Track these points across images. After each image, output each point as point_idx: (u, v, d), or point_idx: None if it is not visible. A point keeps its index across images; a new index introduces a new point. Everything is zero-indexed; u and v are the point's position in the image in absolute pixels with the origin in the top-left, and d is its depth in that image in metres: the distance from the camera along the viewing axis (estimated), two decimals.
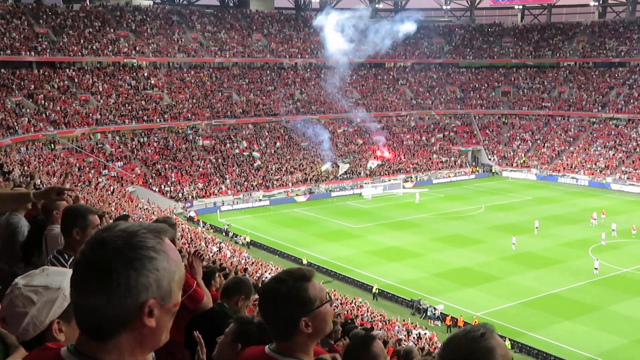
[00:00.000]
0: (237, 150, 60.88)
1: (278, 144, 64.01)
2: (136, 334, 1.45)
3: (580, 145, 68.90)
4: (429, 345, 23.85)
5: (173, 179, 54.34)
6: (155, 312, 1.45)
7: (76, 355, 1.48)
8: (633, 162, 63.35)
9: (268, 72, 74.36)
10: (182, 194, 52.92)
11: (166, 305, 1.48)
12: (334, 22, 70.47)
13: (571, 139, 70.49)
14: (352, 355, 3.34)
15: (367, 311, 28.26)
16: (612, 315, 29.56)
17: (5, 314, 2.11)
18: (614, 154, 65.60)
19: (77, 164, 50.62)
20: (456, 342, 1.77)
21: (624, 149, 65.89)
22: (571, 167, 65.81)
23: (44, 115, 53.82)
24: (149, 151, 57.40)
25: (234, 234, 44.31)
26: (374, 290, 33.15)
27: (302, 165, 61.71)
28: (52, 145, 51.72)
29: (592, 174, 63.55)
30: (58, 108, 55.53)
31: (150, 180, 53.64)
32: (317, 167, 61.66)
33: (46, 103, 55.47)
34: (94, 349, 1.46)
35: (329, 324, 2.44)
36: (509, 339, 26.42)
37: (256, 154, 60.23)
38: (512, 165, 69.69)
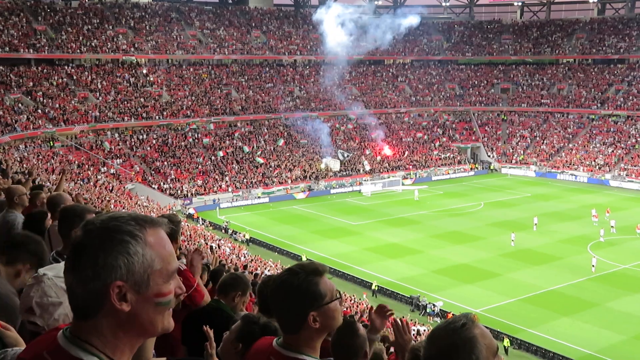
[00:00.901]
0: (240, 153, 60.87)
1: (280, 140, 63.90)
2: (113, 317, 1.46)
3: (580, 142, 68.90)
4: None
5: (172, 176, 54.33)
6: (128, 297, 1.45)
7: (68, 338, 1.49)
8: (632, 158, 63.37)
9: (267, 69, 74.29)
10: (182, 191, 52.91)
11: (143, 293, 1.47)
12: (333, 18, 70.44)
13: (570, 136, 70.48)
14: (340, 342, 3.33)
15: (367, 308, 28.25)
16: (610, 311, 29.59)
17: (37, 303, 2.09)
18: (613, 151, 65.61)
19: (76, 161, 50.59)
20: (438, 334, 1.78)
21: (622, 145, 65.90)
22: (570, 163, 65.84)
23: (42, 112, 53.78)
24: (148, 148, 57.38)
25: (233, 231, 44.32)
26: (373, 287, 33.17)
27: (302, 163, 61.71)
28: (51, 142, 51.65)
29: (591, 171, 63.58)
30: (57, 105, 55.47)
31: (150, 177, 53.63)
32: (316, 165, 61.68)
33: (45, 100, 55.41)
34: (80, 329, 1.48)
35: (337, 320, 2.44)
36: (508, 336, 26.47)
37: (259, 160, 60.01)
38: (511, 162, 69.71)
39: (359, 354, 3.33)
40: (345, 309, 23.87)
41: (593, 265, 35.21)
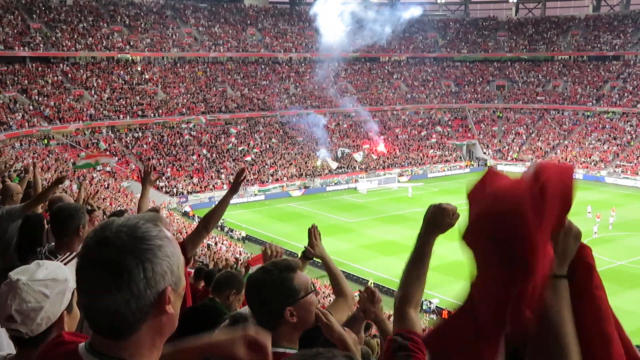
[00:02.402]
0: (231, 145, 60.80)
1: (273, 139, 63.92)
2: (156, 324, 1.44)
3: (575, 139, 69.06)
4: None
5: (168, 174, 54.27)
6: (171, 298, 1.44)
7: (94, 354, 1.45)
8: (627, 155, 63.56)
9: (263, 66, 74.23)
10: (177, 189, 52.87)
11: (178, 290, 1.47)
12: (328, 15, 70.37)
13: (565, 133, 70.64)
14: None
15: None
16: None
17: (16, 311, 2.06)
18: (608, 148, 65.79)
19: (72, 159, 50.46)
20: None
21: (618, 142, 66.09)
22: (566, 160, 65.96)
23: (38, 110, 53.67)
24: (144, 146, 57.30)
25: (229, 228, 44.32)
26: (369, 284, 33.18)
27: (297, 160, 61.72)
28: (46, 140, 51.57)
29: (587, 168, 63.74)
30: (52, 103, 55.34)
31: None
32: (312, 162, 61.70)
33: (40, 98, 55.29)
34: (112, 347, 1.43)
35: (313, 313, 2.50)
36: None
37: (248, 153, 59.90)
38: (506, 159, 69.84)
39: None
40: None
41: None
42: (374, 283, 33.27)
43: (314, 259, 4.30)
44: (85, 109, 56.59)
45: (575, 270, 1.38)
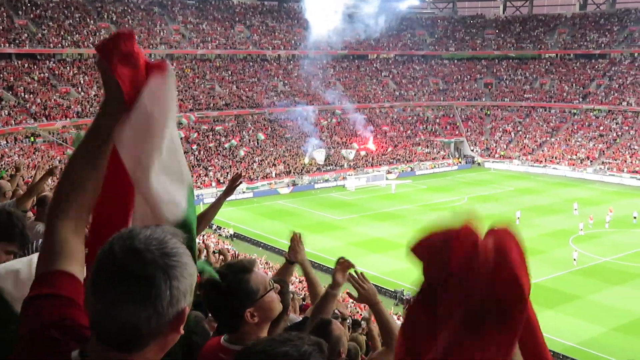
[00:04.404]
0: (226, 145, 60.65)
1: (261, 135, 63.72)
2: (163, 342, 1.41)
3: (562, 137, 69.48)
4: None
5: None
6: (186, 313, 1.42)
7: None
8: (613, 153, 64.03)
9: (251, 63, 74.07)
10: None
11: (188, 304, 1.43)
12: (316, 12, 70.31)
13: (552, 130, 71.05)
14: None
15: (353, 304, 28.32)
16: (592, 304, 29.95)
17: None
18: (594, 145, 66.24)
19: (59, 157, 50.15)
20: None
21: (604, 139, 66.56)
22: (553, 158, 66.38)
23: (24, 107, 53.26)
24: None
25: (217, 226, 44.19)
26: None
27: (286, 157, 61.66)
28: (33, 138, 51.19)
29: (573, 165, 64.16)
30: (38, 100, 54.94)
31: None
32: (300, 159, 61.67)
33: (26, 95, 54.86)
34: (111, 358, 1.39)
35: (275, 310, 2.47)
36: None
37: (234, 145, 59.85)
38: (494, 156, 70.15)
39: (332, 354, 3.31)
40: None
41: (574, 259, 35.61)
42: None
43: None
44: (72, 106, 56.23)
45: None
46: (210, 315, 3.05)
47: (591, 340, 26.11)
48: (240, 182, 4.69)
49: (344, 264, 3.60)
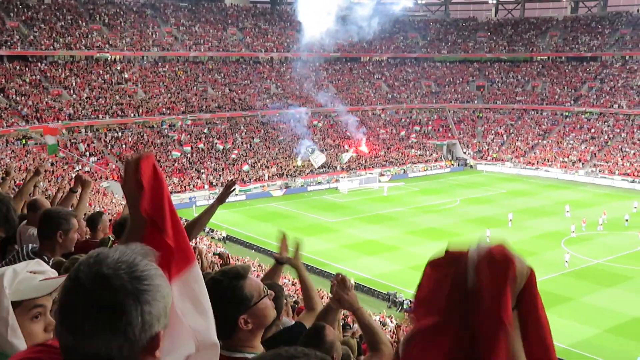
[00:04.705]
0: (220, 146, 60.54)
1: (256, 139, 63.72)
2: None
3: (553, 139, 69.74)
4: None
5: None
6: (161, 344, 1.36)
7: None
8: (604, 155, 64.32)
9: (243, 66, 74.02)
10: None
11: (164, 329, 1.37)
12: (309, 15, 70.30)
13: (544, 133, 71.32)
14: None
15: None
16: (584, 306, 30.06)
17: None
18: (586, 147, 66.52)
19: (50, 159, 49.92)
20: None
21: (595, 142, 66.86)
22: (545, 160, 66.61)
23: (15, 110, 53.03)
24: (123, 146, 56.86)
25: (210, 228, 44.07)
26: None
27: (279, 160, 61.62)
28: (24, 140, 50.97)
29: (565, 167, 64.41)
30: (30, 103, 54.71)
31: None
32: (293, 162, 61.63)
33: (18, 98, 54.63)
34: None
35: (269, 317, 2.46)
36: None
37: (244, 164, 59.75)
38: (486, 158, 70.36)
39: None
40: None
41: (566, 261, 35.74)
42: (355, 282, 33.32)
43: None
44: (64, 109, 56.02)
45: (523, 297, 1.47)
46: None
47: (584, 342, 26.19)
48: (235, 189, 4.68)
49: (344, 285, 3.55)
